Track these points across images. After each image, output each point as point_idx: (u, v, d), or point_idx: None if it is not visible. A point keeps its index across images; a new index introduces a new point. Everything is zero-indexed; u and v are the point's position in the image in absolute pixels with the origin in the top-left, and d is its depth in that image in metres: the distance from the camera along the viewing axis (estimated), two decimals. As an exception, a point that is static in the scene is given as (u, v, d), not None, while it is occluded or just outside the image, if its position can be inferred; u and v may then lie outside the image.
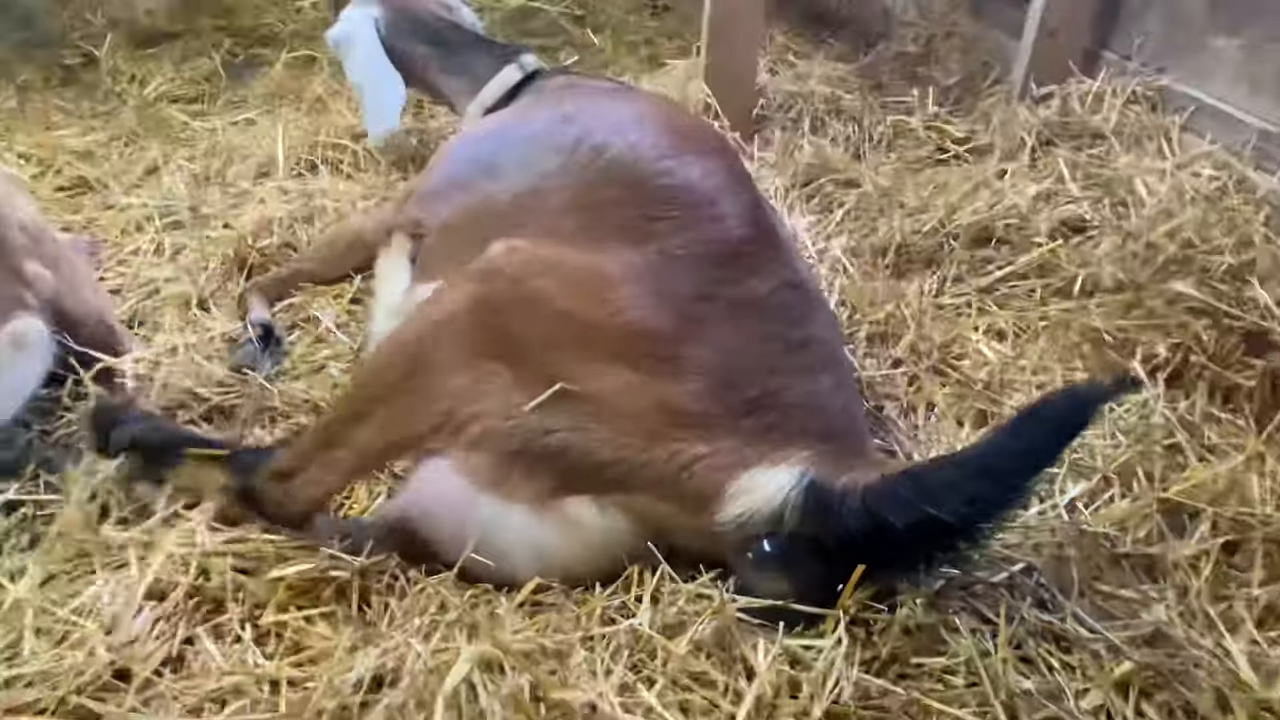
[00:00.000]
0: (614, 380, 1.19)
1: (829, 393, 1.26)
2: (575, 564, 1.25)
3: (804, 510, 1.13)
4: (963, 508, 1.01)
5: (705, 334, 1.22)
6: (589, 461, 1.17)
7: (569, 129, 1.51)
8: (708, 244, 1.30)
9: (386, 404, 1.23)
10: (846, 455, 1.20)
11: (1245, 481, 1.44)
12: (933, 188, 2.37)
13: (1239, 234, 1.91)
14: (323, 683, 1.04)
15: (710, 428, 1.17)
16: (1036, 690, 1.11)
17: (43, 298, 1.58)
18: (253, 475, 1.27)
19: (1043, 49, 2.66)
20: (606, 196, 1.37)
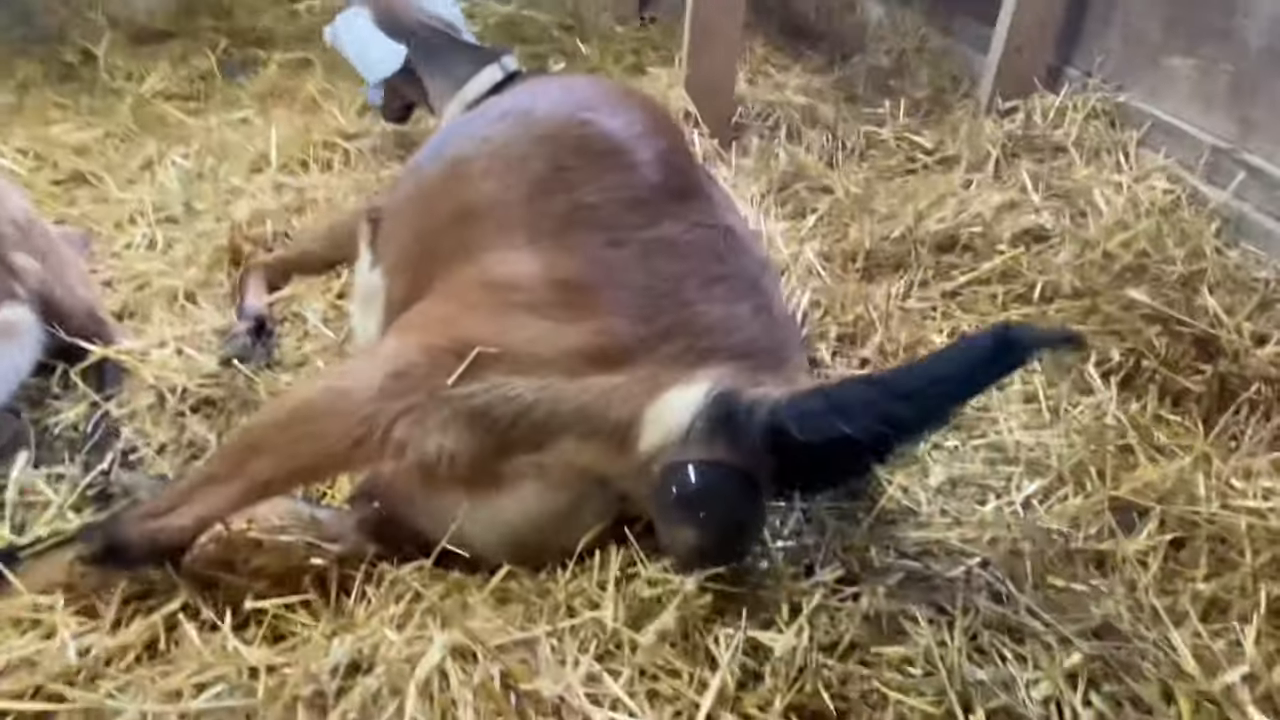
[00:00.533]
0: (526, 332, 1.19)
1: (748, 317, 1.25)
2: (542, 529, 1.26)
3: (710, 422, 1.11)
4: (876, 425, 0.99)
5: (616, 276, 1.23)
6: (511, 412, 1.16)
7: (501, 103, 1.55)
8: (619, 190, 1.30)
9: (290, 429, 1.19)
10: (762, 370, 1.19)
11: (1193, 481, 1.49)
12: (902, 196, 2.43)
13: (1191, 245, 1.99)
14: (300, 669, 1.06)
15: (626, 361, 1.17)
16: (990, 680, 1.15)
17: (31, 288, 1.59)
18: (113, 525, 1.21)
19: (1008, 65, 2.74)
20: (524, 153, 1.37)
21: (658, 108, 1.54)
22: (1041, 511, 1.47)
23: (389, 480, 1.26)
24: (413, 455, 1.16)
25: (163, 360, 1.74)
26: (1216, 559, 1.39)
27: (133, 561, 1.19)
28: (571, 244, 1.26)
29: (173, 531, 1.17)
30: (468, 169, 1.44)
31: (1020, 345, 0.96)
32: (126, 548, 1.18)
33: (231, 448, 1.23)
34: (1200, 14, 2.33)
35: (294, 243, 2.17)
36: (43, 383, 1.70)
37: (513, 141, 1.41)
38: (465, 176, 1.43)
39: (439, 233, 1.42)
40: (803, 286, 2.02)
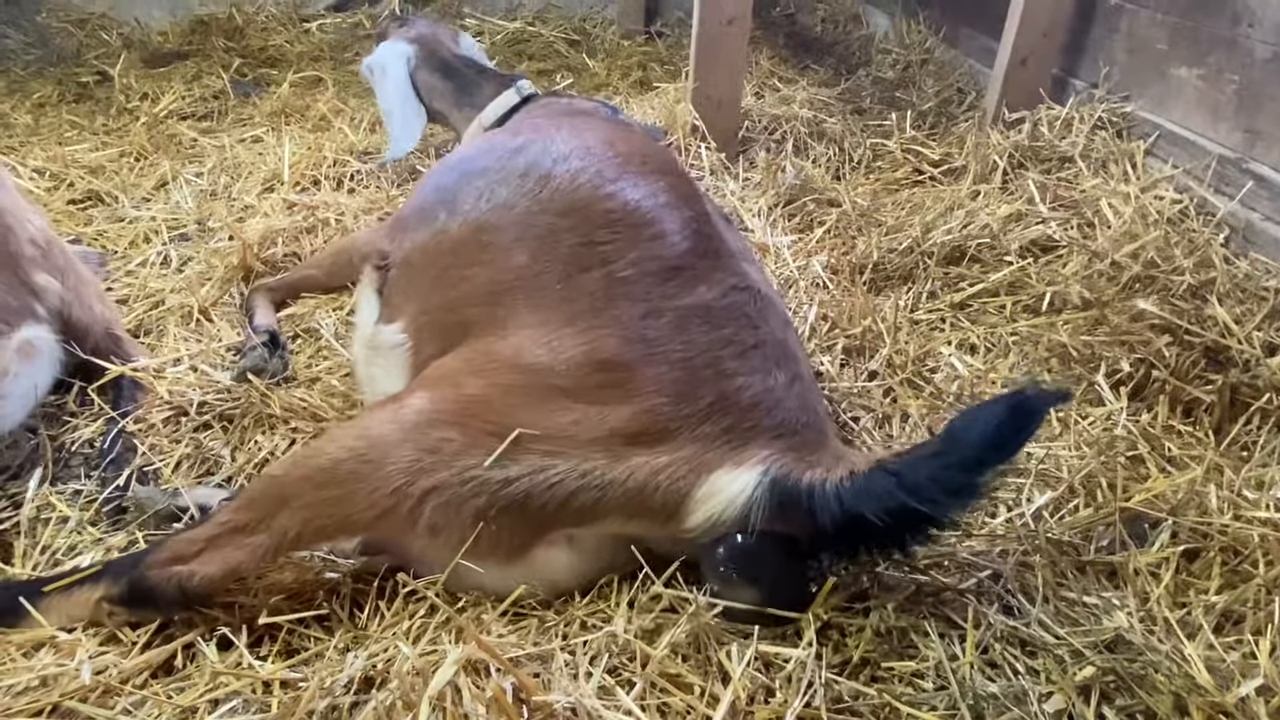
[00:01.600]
0: (567, 415, 1.19)
1: (784, 388, 1.27)
2: (558, 586, 1.28)
3: (769, 508, 1.15)
4: (946, 499, 1.04)
5: (655, 350, 1.24)
6: (553, 498, 1.16)
7: (518, 160, 1.52)
8: (652, 261, 1.32)
9: (318, 489, 1.18)
10: (807, 448, 1.21)
11: (1204, 492, 1.49)
12: (909, 208, 2.45)
13: (1199, 255, 1.98)
14: (314, 684, 1.06)
15: (669, 439, 1.18)
16: (1002, 694, 1.15)
17: (51, 307, 1.62)
18: (139, 567, 1.20)
19: (1014, 76, 2.76)
20: (553, 225, 1.39)
21: (674, 168, 1.55)
22: (1052, 523, 1.46)
23: (418, 552, 1.25)
24: (447, 538, 1.17)
25: (178, 376, 1.77)
26: (1229, 571, 1.38)
27: (161, 608, 1.20)
28: (609, 320, 1.26)
29: (200, 580, 1.17)
30: (494, 238, 1.43)
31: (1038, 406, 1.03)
32: (153, 594, 1.18)
33: (258, 497, 1.21)
34: (1206, 24, 2.33)
35: (297, 268, 2.19)
36: (60, 399, 1.73)
37: (536, 212, 1.42)
38: (493, 246, 1.43)
39: (472, 307, 1.41)
40: (810, 299, 2.03)
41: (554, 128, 1.62)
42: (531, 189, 1.45)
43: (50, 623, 1.22)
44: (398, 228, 1.72)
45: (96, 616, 1.22)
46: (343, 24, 4.11)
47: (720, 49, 2.66)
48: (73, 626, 1.22)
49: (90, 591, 1.22)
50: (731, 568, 1.17)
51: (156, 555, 1.21)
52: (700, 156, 2.66)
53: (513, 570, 1.23)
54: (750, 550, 1.16)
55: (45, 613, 1.22)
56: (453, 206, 1.55)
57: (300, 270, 2.16)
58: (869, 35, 4.05)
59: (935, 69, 3.41)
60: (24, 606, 1.22)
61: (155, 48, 3.78)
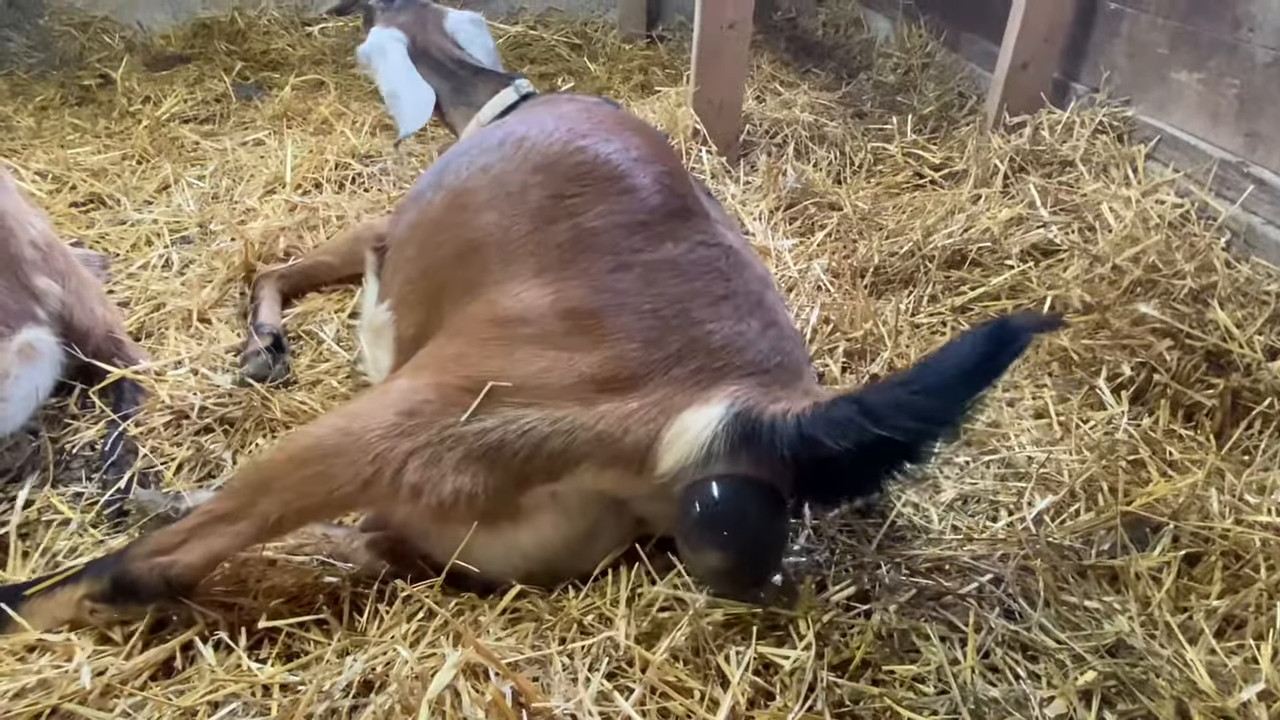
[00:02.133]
0: (538, 363, 1.19)
1: (757, 333, 1.25)
2: (558, 556, 1.27)
3: (732, 440, 1.12)
4: (910, 424, 0.99)
5: (623, 300, 1.23)
6: (526, 445, 1.15)
7: (497, 132, 1.54)
8: (621, 214, 1.31)
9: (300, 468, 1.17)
10: (777, 385, 1.19)
11: (1205, 496, 1.49)
12: (910, 211, 2.45)
13: (1200, 259, 1.98)
14: (313, 687, 1.06)
15: (638, 385, 1.17)
16: (1003, 698, 1.15)
17: (52, 310, 1.62)
18: (120, 564, 1.20)
19: (1015, 80, 2.76)
20: (524, 182, 1.38)
21: (652, 131, 1.55)
22: (1053, 527, 1.46)
23: (403, 519, 1.26)
24: (429, 499, 1.16)
25: (179, 380, 1.77)
26: (1231, 575, 1.38)
27: (144, 599, 1.19)
28: (577, 272, 1.26)
29: (182, 568, 1.17)
30: (468, 200, 1.45)
31: (1023, 330, 0.98)
32: (135, 586, 1.18)
33: (241, 485, 1.21)
34: (1206, 28, 2.33)
35: (309, 254, 2.20)
36: (62, 402, 1.73)
37: (510, 171, 1.42)
38: (466, 208, 1.44)
39: (445, 269, 1.42)
40: (812, 303, 2.03)
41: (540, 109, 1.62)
42: (508, 152, 1.46)
43: (35, 626, 1.21)
44: (396, 212, 1.75)
45: (80, 616, 1.22)
46: (345, 27, 4.12)
47: (721, 53, 2.67)
48: (58, 629, 1.22)
49: (72, 591, 1.22)
50: (704, 518, 1.13)
51: (139, 549, 1.21)
52: (701, 160, 2.66)
53: (502, 534, 1.22)
54: (720, 500, 1.12)
55: (29, 616, 1.22)
56: (438, 184, 1.58)
57: (314, 256, 2.16)
58: (870, 39, 4.05)
59: (936, 73, 3.42)
60: (5, 611, 1.21)
61: (158, 51, 3.79)
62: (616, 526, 1.28)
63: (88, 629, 1.22)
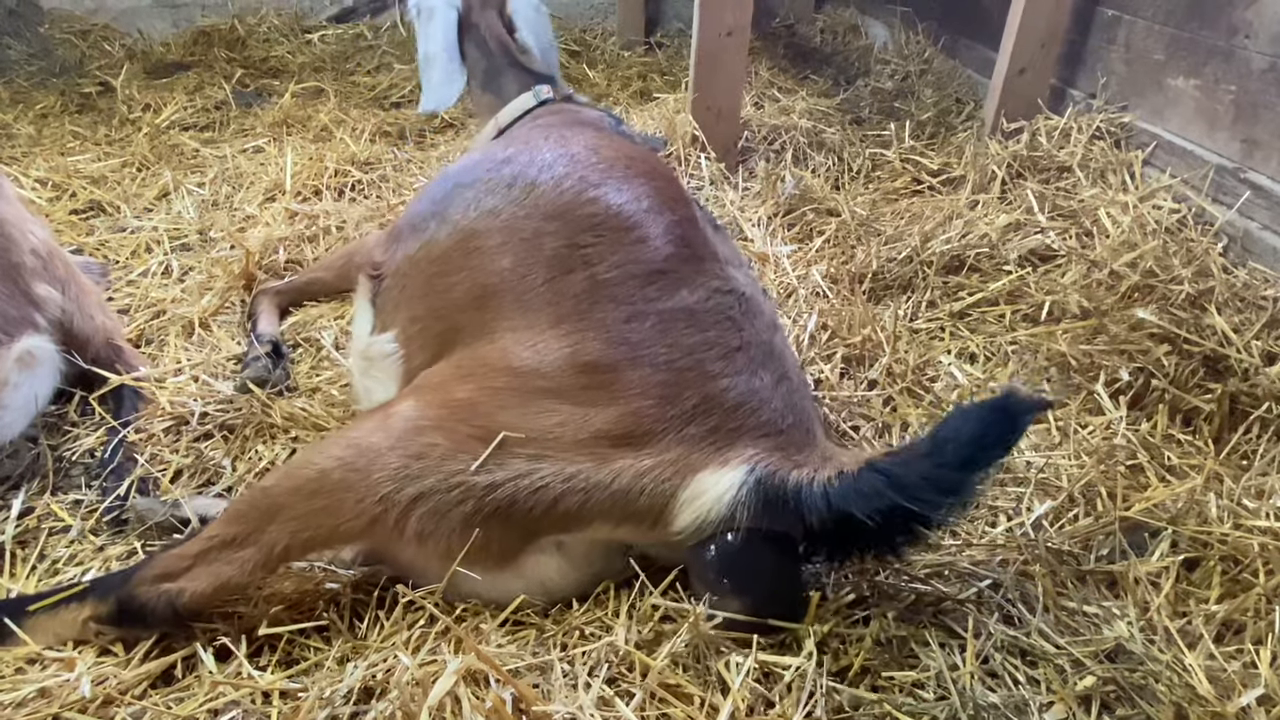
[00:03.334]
0: (552, 417, 1.19)
1: (769, 389, 1.26)
2: (551, 594, 1.28)
3: (755, 508, 1.14)
4: (937, 497, 1.03)
5: (639, 352, 1.23)
6: (539, 503, 1.16)
7: (504, 169, 1.52)
8: (635, 264, 1.32)
9: (307, 500, 1.17)
10: (794, 447, 1.21)
11: (1204, 501, 1.49)
12: (908, 217, 2.45)
13: (1197, 264, 1.99)
14: (313, 694, 1.06)
15: (654, 442, 1.18)
16: (1002, 703, 1.15)
17: (52, 318, 1.62)
18: (127, 585, 1.19)
19: (1012, 87, 2.77)
20: (538, 229, 1.39)
21: (661, 174, 1.56)
22: (1052, 532, 1.46)
23: (408, 560, 1.25)
24: (434, 547, 1.16)
25: (178, 386, 1.77)
26: (1229, 580, 1.38)
27: (151, 625, 1.19)
28: (593, 322, 1.27)
29: (190, 597, 1.17)
30: (481, 243, 1.44)
31: (1025, 408, 1.03)
32: (142, 611, 1.18)
33: (247, 509, 1.21)
34: (1203, 35, 2.35)
35: (306, 270, 2.20)
36: (61, 409, 1.74)
37: (521, 217, 1.42)
38: (480, 251, 1.43)
39: (459, 313, 1.42)
40: (810, 308, 2.03)
41: (543, 139, 1.62)
42: (517, 196, 1.46)
43: (37, 642, 1.21)
44: (392, 238, 1.72)
45: (84, 635, 1.22)
46: (344, 35, 4.13)
47: (720, 60, 2.68)
48: (60, 646, 1.21)
49: (77, 611, 1.22)
50: (721, 572, 1.15)
51: (145, 572, 1.20)
52: (700, 166, 2.67)
53: (505, 577, 1.22)
54: (739, 553, 1.15)
55: (31, 632, 1.21)
56: (443, 216, 1.56)
57: (309, 273, 2.16)
58: (868, 46, 4.07)
59: (934, 79, 3.43)
60: (9, 626, 1.21)
61: (158, 58, 3.81)
62: (619, 563, 1.28)
63: (90, 639, 1.21)
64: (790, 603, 1.21)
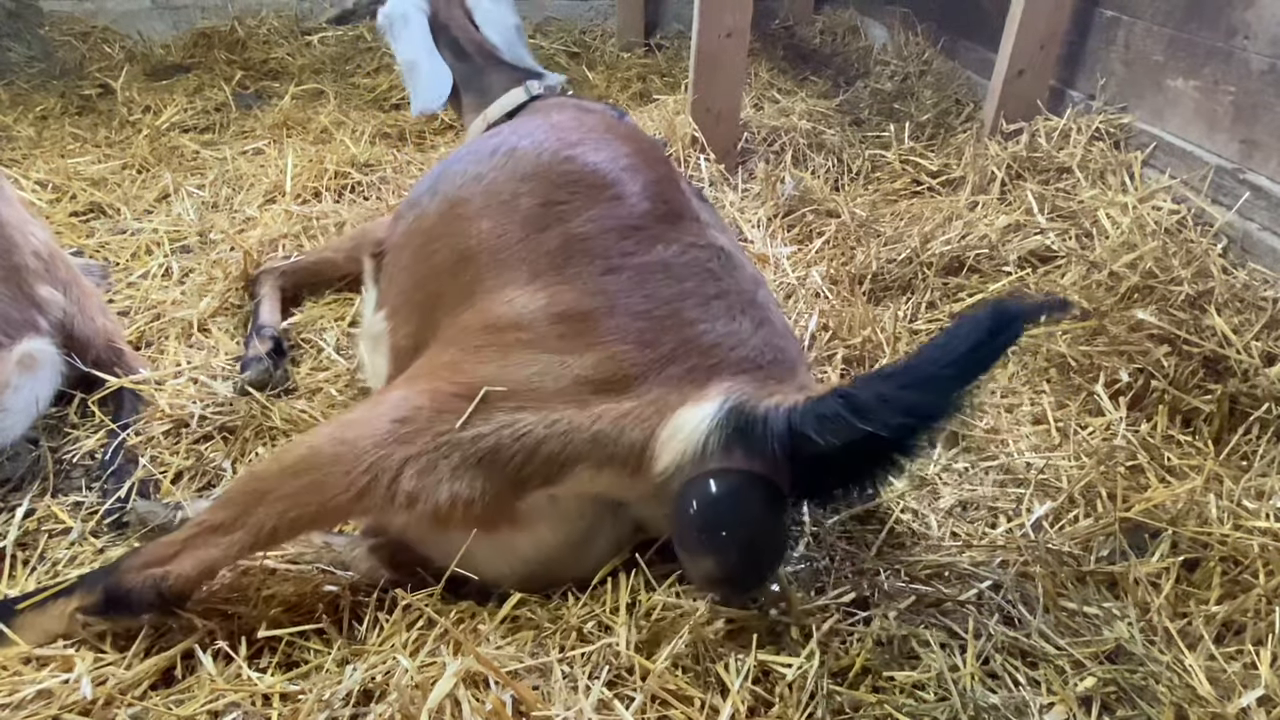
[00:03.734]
0: (532, 367, 1.19)
1: (750, 331, 1.25)
2: (556, 560, 1.27)
3: (727, 435, 1.11)
4: (897, 419, 0.98)
5: (615, 302, 1.23)
6: (523, 449, 1.15)
7: (490, 141, 1.55)
8: (610, 219, 1.32)
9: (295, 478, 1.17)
10: (773, 381, 1.19)
11: (1204, 502, 1.49)
12: (908, 218, 2.45)
13: (1197, 265, 1.99)
14: (313, 696, 1.06)
15: (633, 385, 1.17)
16: (1003, 704, 1.15)
17: (53, 320, 1.62)
18: (113, 576, 1.19)
19: (1012, 88, 2.77)
20: (515, 190, 1.40)
21: (643, 139, 1.56)
22: (1052, 533, 1.47)
23: (401, 526, 1.26)
24: (425, 506, 1.16)
25: (178, 389, 1.77)
26: (1229, 581, 1.38)
27: (137, 611, 1.19)
28: (568, 276, 1.27)
29: (175, 579, 1.17)
30: (463, 209, 1.45)
31: (1015, 316, 0.97)
32: (128, 597, 1.18)
33: (236, 495, 1.20)
34: (1202, 36, 2.35)
35: (313, 250, 2.19)
36: (61, 412, 1.74)
37: (501, 180, 1.43)
38: (461, 217, 1.45)
39: (440, 279, 1.43)
40: (810, 310, 2.03)
41: (536, 117, 1.63)
42: (499, 161, 1.47)
43: (27, 640, 1.20)
44: (394, 218, 1.74)
45: (72, 629, 1.21)
46: (344, 37, 4.13)
47: (719, 61, 2.68)
48: (50, 643, 1.21)
49: (65, 604, 1.21)
50: (701, 521, 1.12)
51: (131, 561, 1.20)
52: (699, 168, 2.67)
53: (500, 541, 1.22)
54: (719, 493, 1.11)
55: (21, 630, 1.21)
56: (434, 190, 1.58)
57: (317, 253, 2.16)
58: (867, 47, 4.07)
59: (933, 80, 3.43)
60: None
61: (158, 60, 3.81)
62: (614, 530, 1.28)
63: (89, 641, 1.21)
64: (772, 559, 1.18)
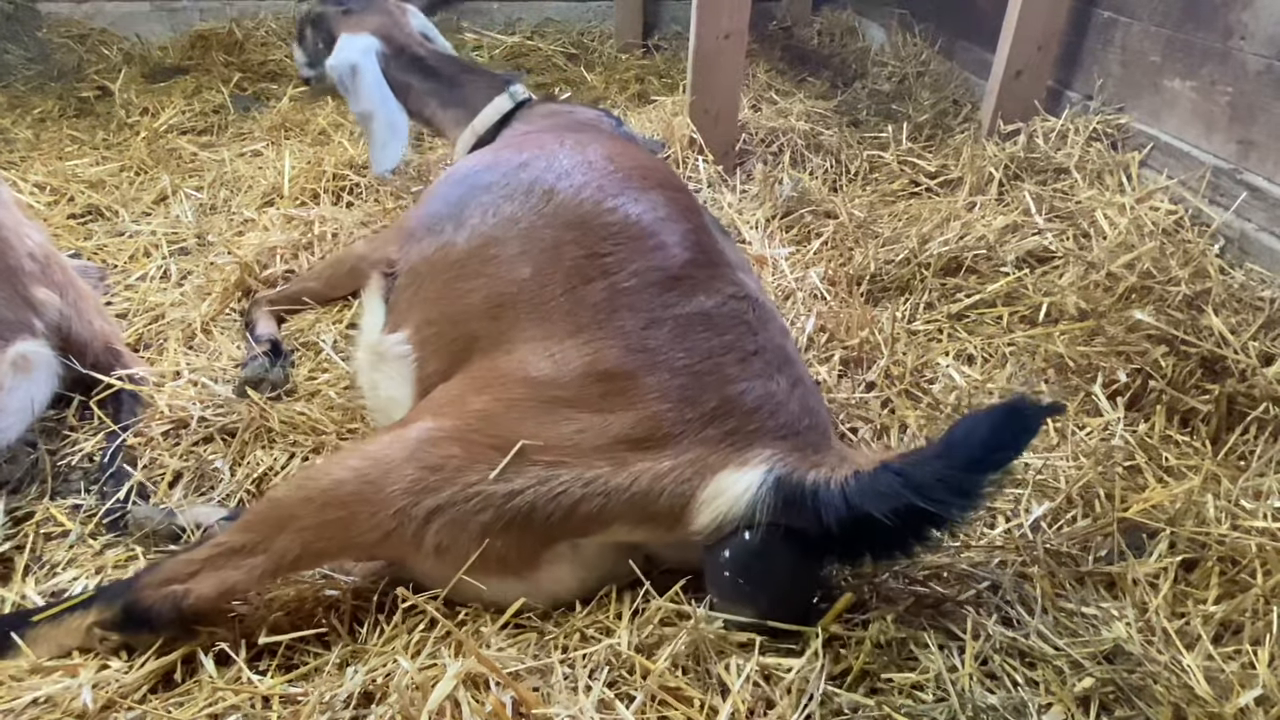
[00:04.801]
0: (571, 425, 1.20)
1: (786, 392, 1.27)
2: (561, 597, 1.28)
3: (774, 507, 1.15)
4: (950, 499, 1.04)
5: (657, 358, 1.25)
6: (559, 508, 1.16)
7: (522, 175, 1.53)
8: (653, 272, 1.33)
9: (320, 511, 1.17)
10: (811, 449, 1.22)
11: (1202, 502, 1.49)
12: (905, 219, 2.46)
13: (1194, 265, 1.99)
14: (313, 699, 1.06)
15: (672, 444, 1.19)
16: (1001, 705, 1.15)
17: (49, 322, 1.62)
18: (132, 590, 1.20)
19: (1009, 88, 2.78)
20: (557, 239, 1.40)
21: (673, 183, 1.57)
22: (1050, 534, 1.47)
23: (424, 572, 1.26)
24: (454, 559, 1.17)
25: (177, 391, 1.77)
26: (1227, 580, 1.38)
27: (156, 628, 1.19)
28: (612, 331, 1.28)
29: (196, 599, 1.17)
30: (499, 251, 1.44)
31: (1034, 414, 1.05)
32: (148, 615, 1.18)
33: (258, 519, 1.21)
34: (1199, 37, 2.35)
35: (296, 280, 2.19)
36: (60, 414, 1.74)
37: (540, 226, 1.43)
38: (497, 260, 1.43)
39: (475, 320, 1.42)
40: (808, 310, 2.04)
41: (557, 143, 1.62)
42: (536, 204, 1.47)
43: (41, 653, 1.21)
44: (405, 237, 1.71)
45: (88, 643, 1.22)
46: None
47: (717, 62, 2.68)
48: (64, 655, 1.21)
49: (81, 618, 1.22)
50: (737, 573, 1.15)
51: (151, 577, 1.20)
52: (698, 169, 2.68)
53: (516, 583, 1.23)
54: (755, 553, 1.15)
55: (35, 643, 1.22)
56: (459, 220, 1.56)
57: (298, 283, 2.16)
58: (865, 48, 4.08)
59: (931, 81, 3.44)
60: (13, 639, 1.21)
61: (155, 63, 3.81)
62: (628, 565, 1.28)
63: (85, 654, 1.21)
64: (804, 606, 1.21)
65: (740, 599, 1.17)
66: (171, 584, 1.18)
